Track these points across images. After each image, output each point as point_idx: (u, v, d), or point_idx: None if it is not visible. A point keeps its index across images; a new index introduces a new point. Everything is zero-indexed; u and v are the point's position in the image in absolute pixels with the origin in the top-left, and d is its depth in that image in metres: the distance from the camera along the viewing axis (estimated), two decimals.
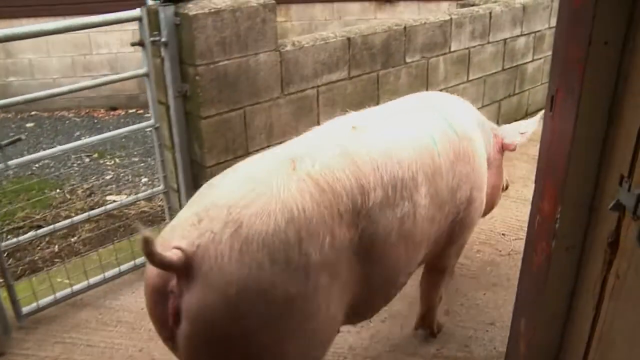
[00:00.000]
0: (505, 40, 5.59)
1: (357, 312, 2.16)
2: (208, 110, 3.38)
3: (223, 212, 1.69)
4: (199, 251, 1.63)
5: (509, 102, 6.00)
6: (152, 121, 3.45)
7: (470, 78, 5.31)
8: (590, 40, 1.49)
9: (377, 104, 4.27)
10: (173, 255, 1.60)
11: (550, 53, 6.40)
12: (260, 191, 1.75)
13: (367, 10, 8.10)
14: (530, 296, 1.93)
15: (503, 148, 2.98)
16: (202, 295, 1.62)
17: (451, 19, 4.87)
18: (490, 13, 5.27)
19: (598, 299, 1.68)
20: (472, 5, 5.60)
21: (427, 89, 4.84)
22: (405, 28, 4.47)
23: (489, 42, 5.38)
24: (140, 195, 3.60)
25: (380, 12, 8.08)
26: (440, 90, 5.00)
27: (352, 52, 4.09)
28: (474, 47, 5.23)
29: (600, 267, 1.65)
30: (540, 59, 6.29)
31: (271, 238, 1.67)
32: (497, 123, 5.94)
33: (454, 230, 2.51)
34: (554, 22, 6.20)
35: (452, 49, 4.99)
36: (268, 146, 3.74)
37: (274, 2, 3.57)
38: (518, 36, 5.77)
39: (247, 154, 3.64)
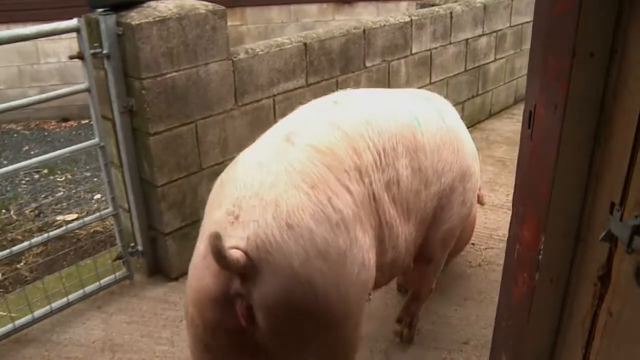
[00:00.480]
0: (467, 40, 5.46)
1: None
2: (157, 126, 3.14)
3: (255, 200, 1.74)
4: (251, 243, 1.67)
5: (472, 103, 5.87)
6: (96, 139, 3.19)
7: (432, 80, 5.16)
8: (574, 51, 1.32)
9: None
10: (236, 253, 1.62)
11: (512, 52, 6.31)
12: (276, 170, 1.82)
13: (325, 12, 7.91)
14: (511, 330, 1.76)
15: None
16: (273, 282, 1.67)
17: (411, 20, 4.70)
18: (451, 13, 5.13)
19: (588, 336, 1.51)
20: (432, 6, 5.46)
21: None
22: (364, 31, 4.28)
23: (450, 43, 5.24)
24: (88, 218, 3.33)
25: (338, 13, 7.90)
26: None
27: (309, 58, 3.89)
28: (436, 48, 5.07)
29: (590, 302, 1.48)
30: (502, 58, 6.18)
31: (308, 205, 1.76)
32: None
33: (437, 215, 2.54)
34: (515, 21, 6.10)
35: (414, 51, 4.83)
36: (223, 162, 3.51)
37: (223, 8, 3.34)
38: (480, 36, 5.64)
39: (201, 170, 3.42)
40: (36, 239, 3.20)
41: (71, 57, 3.06)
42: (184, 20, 3.11)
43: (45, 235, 3.23)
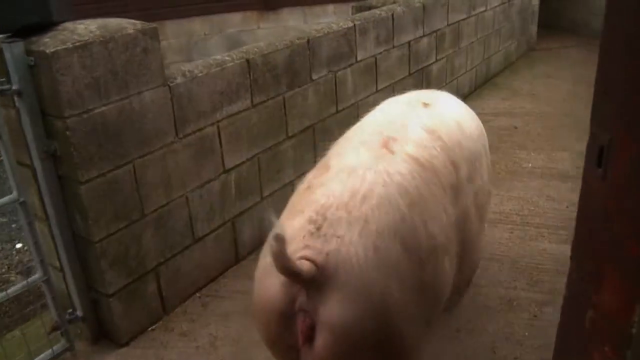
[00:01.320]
0: (409, 42, 5.16)
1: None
2: (87, 172, 2.64)
3: (342, 213, 1.62)
4: (330, 259, 1.54)
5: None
6: (14, 194, 2.64)
7: (379, 87, 4.83)
8: None
9: (286, 130, 3.70)
10: (304, 264, 1.51)
11: (451, 51, 6.08)
12: (372, 180, 1.71)
13: (249, 21, 7.47)
14: None
15: None
16: (345, 306, 1.54)
17: (355, 25, 4.35)
18: (392, 15, 4.81)
19: None
20: (370, 8, 5.13)
21: (336, 107, 4.30)
22: (308, 41, 3.89)
23: (394, 47, 4.93)
24: (12, 290, 2.76)
25: (263, 21, 7.47)
26: (351, 104, 4.48)
27: (253, 76, 3.47)
28: (380, 53, 4.74)
29: None
30: (443, 58, 5.93)
31: (399, 226, 1.64)
32: None
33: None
34: (452, 19, 5.86)
35: (359, 58, 4.48)
36: (168, 204, 3.04)
37: (154, 26, 2.88)
38: (421, 37, 5.36)
39: (143, 217, 2.93)
40: None
41: None
42: (110, 44, 2.63)
43: None
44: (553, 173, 4.87)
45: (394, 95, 5.04)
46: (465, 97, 6.72)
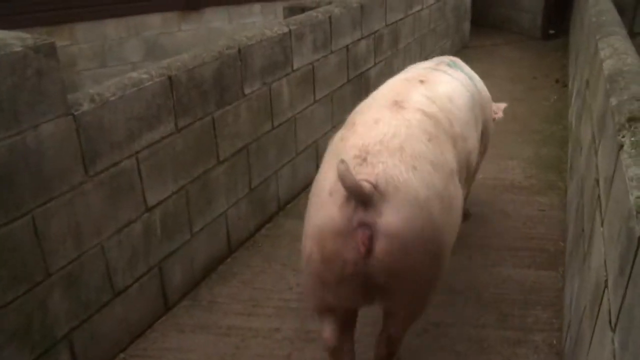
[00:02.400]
0: (347, 46, 4.75)
1: None
2: None
3: (380, 147, 1.99)
4: (380, 178, 1.89)
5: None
6: None
7: (317, 97, 4.40)
8: None
9: (217, 154, 3.23)
10: (365, 183, 1.85)
11: (389, 53, 5.71)
12: (396, 124, 2.11)
13: (170, 22, 6.86)
14: None
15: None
16: (399, 212, 1.88)
17: (290, 30, 3.90)
18: (330, 18, 4.38)
19: None
20: (303, 10, 4.69)
21: (272, 122, 3.84)
22: (239, 50, 3.41)
23: (331, 52, 4.50)
24: None
25: (185, 22, 6.89)
26: (287, 118, 4.03)
27: (176, 95, 2.96)
28: (318, 60, 4.31)
29: None
30: (381, 61, 5.56)
31: (427, 153, 2.06)
32: None
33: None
34: (390, 19, 5.50)
35: (295, 67, 4.03)
36: (79, 256, 2.51)
37: (51, 41, 2.33)
38: (359, 40, 4.96)
39: (48, 276, 2.39)
40: None
41: None
42: None
43: None
44: (505, 184, 4.58)
45: (331, 106, 4.65)
46: None
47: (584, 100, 4.00)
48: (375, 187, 1.88)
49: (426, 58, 6.96)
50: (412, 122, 2.16)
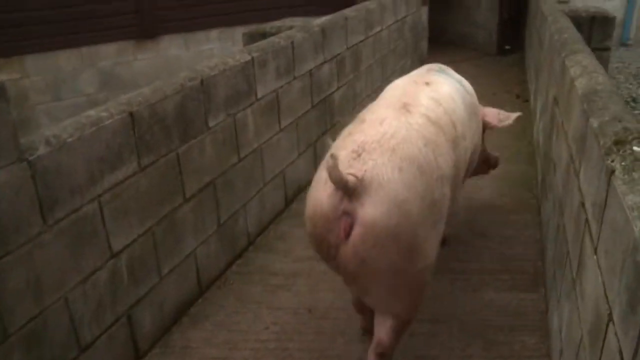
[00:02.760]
0: (310, 71, 4.65)
1: None
2: None
3: (376, 145, 2.22)
4: (367, 175, 2.13)
5: (323, 142, 5.08)
6: None
7: (282, 126, 4.28)
8: None
9: (183, 192, 3.07)
10: (349, 177, 2.09)
11: (351, 76, 5.63)
12: (397, 126, 2.33)
13: (125, 51, 6.67)
14: None
15: (483, 123, 3.55)
16: (377, 206, 2.11)
17: (253, 58, 3.78)
18: (292, 43, 4.28)
19: None
20: (265, 35, 4.59)
21: (238, 155, 3.70)
22: (202, 82, 3.27)
23: (295, 78, 4.39)
24: None
25: (141, 51, 6.71)
26: (254, 149, 3.89)
27: (138, 133, 2.80)
28: (281, 87, 4.20)
29: None
30: (344, 85, 5.48)
31: (418, 157, 2.26)
32: (315, 167, 5.02)
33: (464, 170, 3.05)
34: (351, 42, 5.43)
35: (259, 96, 3.90)
36: (40, 312, 2.31)
37: (1, 82, 2.16)
38: (322, 64, 4.87)
39: (7, 338, 2.18)
40: None
41: None
42: None
43: None
44: (479, 204, 4.53)
45: (297, 133, 4.53)
46: None
47: (552, 118, 3.97)
48: (360, 181, 2.11)
49: (387, 79, 6.93)
50: (413, 125, 2.38)
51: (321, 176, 2.24)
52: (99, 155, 2.57)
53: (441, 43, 10.00)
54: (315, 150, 4.91)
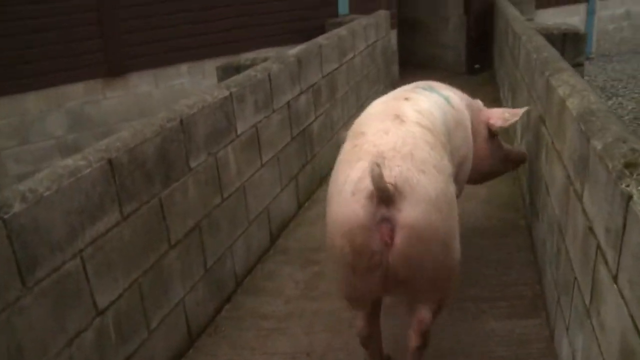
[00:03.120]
0: (288, 103, 4.55)
1: None
2: None
3: (394, 153, 2.29)
4: (398, 180, 2.20)
5: (304, 174, 4.97)
6: None
7: (264, 161, 4.15)
8: None
9: (168, 238, 2.93)
10: (389, 185, 2.15)
11: (328, 105, 5.54)
12: (402, 134, 2.42)
13: (94, 90, 6.50)
14: None
15: (488, 126, 3.69)
16: (415, 207, 2.20)
17: (231, 93, 3.66)
18: (269, 75, 4.17)
19: None
20: (239, 69, 4.48)
21: (221, 195, 3.56)
22: (181, 121, 3.14)
23: (274, 111, 4.28)
24: None
25: (110, 89, 6.54)
26: (236, 188, 3.75)
27: (119, 180, 2.65)
28: (260, 121, 4.08)
29: None
30: (321, 114, 5.38)
31: (431, 159, 2.37)
32: (298, 200, 4.89)
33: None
34: (326, 70, 5.36)
35: (239, 132, 3.78)
36: None
37: None
38: (299, 95, 4.78)
39: None
40: None
41: None
42: None
43: None
44: (469, 228, 4.40)
45: (278, 167, 4.41)
46: None
47: (538, 137, 3.91)
48: (394, 187, 2.17)
49: (362, 106, 6.85)
50: (415, 133, 2.47)
51: (345, 189, 2.30)
52: (78, 207, 2.40)
53: (411, 66, 10.01)
54: (297, 183, 4.79)
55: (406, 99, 2.87)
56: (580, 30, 5.54)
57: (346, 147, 2.52)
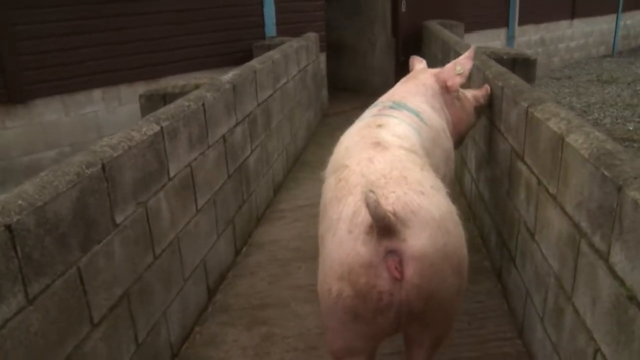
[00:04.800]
0: (223, 136, 3.96)
1: None
2: None
3: (385, 180, 2.09)
4: (397, 207, 1.96)
5: (241, 216, 4.38)
6: None
7: (199, 206, 3.54)
8: None
9: (89, 317, 2.29)
10: (389, 213, 1.90)
11: (264, 136, 4.99)
12: (389, 160, 2.25)
13: None
14: None
15: (448, 89, 3.43)
16: (421, 234, 1.95)
17: (162, 128, 3.04)
18: (203, 105, 3.58)
19: None
20: (165, 97, 3.87)
21: (153, 252, 2.93)
22: (104, 167, 2.50)
23: (209, 147, 3.69)
24: None
25: (10, 118, 5.67)
26: (170, 241, 3.13)
27: (23, 251, 1.99)
28: (195, 159, 3.47)
29: None
30: (257, 147, 4.82)
31: (425, 179, 2.20)
32: (235, 246, 4.29)
33: None
34: (261, 97, 4.82)
35: (172, 174, 3.16)
36: None
37: None
38: (235, 126, 4.20)
39: None
40: None
41: None
42: None
43: None
44: None
45: (215, 212, 3.81)
46: (280, 185, 5.67)
47: (511, 174, 3.52)
48: (394, 215, 1.93)
49: (295, 135, 6.37)
50: (401, 157, 2.31)
51: (338, 226, 2.06)
52: None
53: (338, 90, 9.64)
54: (234, 226, 4.19)
55: (379, 125, 2.67)
56: (530, 55, 5.26)
57: (330, 184, 2.32)
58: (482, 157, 4.40)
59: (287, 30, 7.71)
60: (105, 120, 6.12)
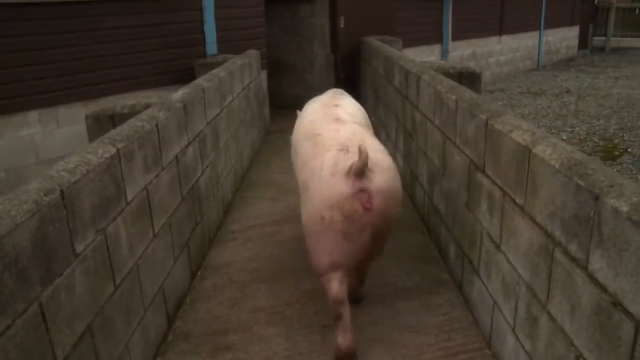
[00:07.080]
0: (176, 157, 3.83)
1: None
2: None
3: (353, 142, 3.00)
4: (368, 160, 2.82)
5: (195, 239, 4.23)
6: None
7: (156, 231, 3.39)
8: None
9: (53, 356, 2.11)
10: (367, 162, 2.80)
11: (214, 155, 4.88)
12: (351, 130, 3.20)
13: None
14: None
15: None
16: (383, 178, 2.89)
17: (118, 151, 2.90)
18: (157, 126, 3.45)
19: None
20: (113, 117, 3.73)
21: (114, 282, 2.78)
22: (62, 194, 2.34)
23: (163, 169, 3.55)
24: None
25: None
26: (130, 269, 2.97)
27: None
28: (151, 182, 3.33)
29: None
30: (208, 167, 4.70)
31: (376, 144, 3.18)
32: (191, 270, 4.14)
33: None
34: (210, 116, 4.73)
35: (129, 198, 3.02)
36: None
37: None
38: (187, 146, 4.08)
39: None
40: None
41: None
42: None
43: None
44: (392, 290, 3.95)
45: (171, 236, 3.66)
46: (229, 205, 5.54)
47: (470, 186, 3.54)
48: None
49: (241, 154, 6.26)
50: (356, 129, 3.25)
51: (323, 175, 2.91)
52: None
53: (279, 108, 9.57)
54: (189, 250, 4.04)
55: (336, 105, 3.67)
56: (475, 70, 5.35)
57: (308, 147, 3.24)
58: (436, 171, 4.42)
59: (228, 48, 7.61)
60: (43, 143, 5.84)
